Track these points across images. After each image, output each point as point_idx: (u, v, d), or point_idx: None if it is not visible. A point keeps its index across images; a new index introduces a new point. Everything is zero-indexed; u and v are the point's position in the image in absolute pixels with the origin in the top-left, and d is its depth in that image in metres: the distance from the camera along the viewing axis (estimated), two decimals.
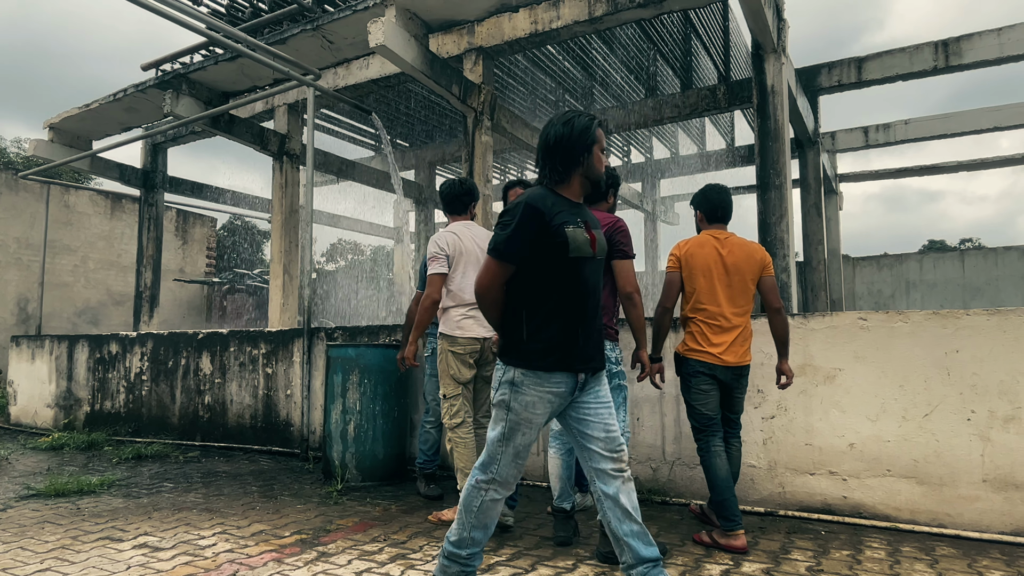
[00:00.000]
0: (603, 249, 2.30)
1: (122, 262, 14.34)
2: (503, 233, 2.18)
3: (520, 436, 2.20)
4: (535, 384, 2.17)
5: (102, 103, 9.04)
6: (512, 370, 2.20)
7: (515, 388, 2.18)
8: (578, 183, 2.29)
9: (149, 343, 6.92)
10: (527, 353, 2.18)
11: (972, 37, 7.96)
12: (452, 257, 3.60)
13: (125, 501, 4.09)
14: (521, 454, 2.23)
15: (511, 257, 2.18)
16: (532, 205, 2.16)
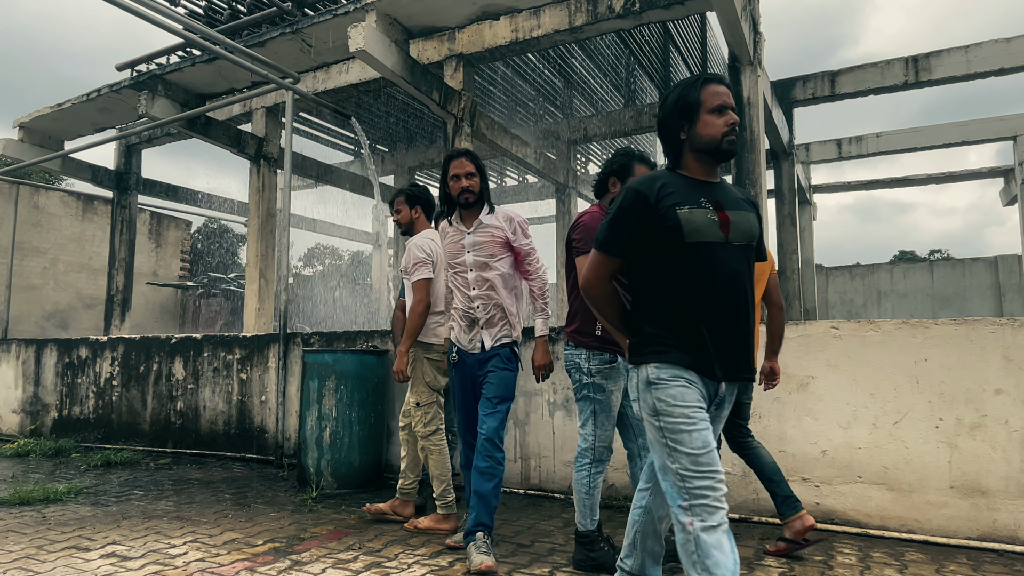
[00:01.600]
0: (747, 234, 1.96)
1: (93, 265, 14.06)
2: (604, 223, 2.00)
3: (686, 437, 1.80)
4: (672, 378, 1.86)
5: (75, 103, 8.88)
6: (644, 368, 1.91)
7: (653, 386, 1.87)
8: (691, 158, 1.98)
9: (120, 347, 6.79)
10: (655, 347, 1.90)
11: (941, 54, 8.17)
12: (435, 263, 3.59)
13: (93, 509, 4.00)
14: (702, 457, 1.78)
15: (611, 247, 1.97)
16: (634, 188, 1.94)
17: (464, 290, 3.11)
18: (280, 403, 5.42)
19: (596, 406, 2.81)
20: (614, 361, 2.80)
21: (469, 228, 3.12)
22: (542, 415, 4.42)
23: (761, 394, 3.74)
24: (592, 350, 2.79)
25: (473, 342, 3.12)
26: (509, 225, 3.13)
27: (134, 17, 4.94)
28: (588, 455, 2.81)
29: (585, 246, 2.72)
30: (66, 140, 10.31)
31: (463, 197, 3.09)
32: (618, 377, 2.82)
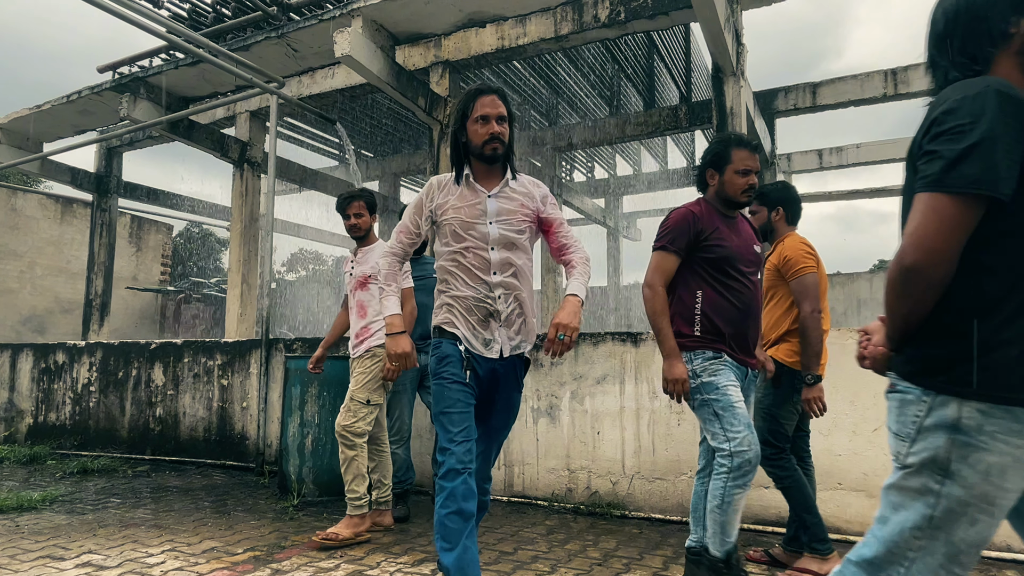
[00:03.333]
0: None
1: (72, 268, 13.84)
2: (959, 146, 1.14)
3: (966, 528, 1.17)
4: (1008, 430, 1.14)
5: (55, 104, 8.76)
6: (954, 404, 1.18)
7: (963, 437, 1.16)
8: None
9: (98, 353, 6.69)
10: (993, 368, 1.16)
11: (919, 67, 8.31)
12: None
13: (68, 517, 3.93)
14: (963, 558, 1.19)
15: (991, 184, 1.13)
16: (1007, 94, 1.15)
17: (480, 273, 2.32)
18: (262, 409, 5.36)
19: (715, 407, 2.49)
20: (719, 356, 2.53)
21: (490, 190, 2.38)
22: (526, 422, 4.42)
23: None
24: (692, 350, 2.54)
25: (490, 344, 2.33)
26: (539, 193, 2.47)
27: (118, 20, 4.89)
28: (726, 462, 2.43)
29: (658, 241, 2.63)
30: (45, 142, 10.16)
31: (490, 147, 2.33)
32: (728, 372, 2.52)
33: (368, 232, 3.88)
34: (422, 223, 2.46)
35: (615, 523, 3.81)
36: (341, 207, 3.86)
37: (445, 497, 2.15)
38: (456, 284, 2.35)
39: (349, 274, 3.89)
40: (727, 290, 2.56)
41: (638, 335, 4.17)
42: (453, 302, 2.36)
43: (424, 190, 2.45)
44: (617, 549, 3.27)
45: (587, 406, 4.25)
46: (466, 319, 2.33)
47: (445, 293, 2.39)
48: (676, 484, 3.91)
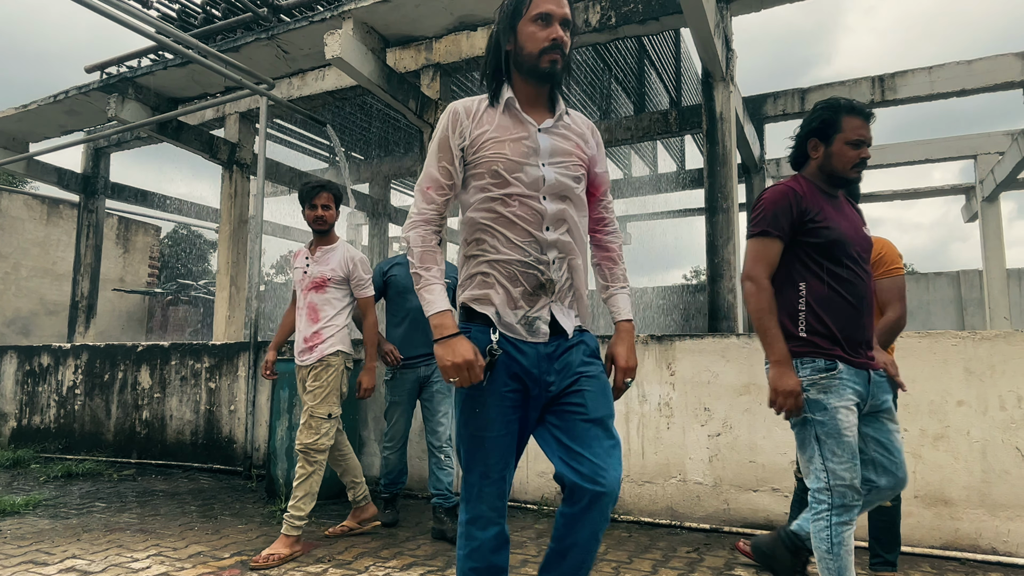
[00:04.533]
0: None
1: (57, 270, 13.70)
2: None
3: None
4: None
5: (41, 104, 8.68)
6: None
7: None
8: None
9: (84, 355, 6.62)
10: None
11: (906, 74, 8.41)
12: None
13: (52, 522, 3.88)
14: None
15: None
16: None
17: (531, 228, 1.71)
18: (250, 413, 5.32)
19: (817, 430, 2.11)
20: (833, 368, 2.12)
21: (540, 123, 1.79)
22: None
23: (732, 404, 3.79)
24: (800, 357, 2.17)
25: (535, 325, 1.72)
26: (594, 138, 1.92)
27: (107, 20, 4.85)
28: (824, 498, 2.11)
29: (755, 226, 2.25)
30: (31, 142, 10.06)
31: (549, 58, 1.72)
32: (842, 389, 2.12)
33: (332, 228, 3.64)
34: (455, 166, 1.77)
35: None
36: (307, 196, 3.54)
37: (472, 549, 1.72)
38: (495, 243, 1.72)
39: (303, 271, 3.59)
40: (837, 281, 2.17)
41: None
42: (490, 269, 1.72)
43: (446, 121, 1.78)
44: (606, 553, 3.27)
45: None
46: (507, 291, 1.71)
47: (478, 258, 1.74)
48: (665, 488, 3.92)
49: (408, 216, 1.79)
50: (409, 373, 3.86)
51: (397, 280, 3.90)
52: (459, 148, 1.77)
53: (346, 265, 3.56)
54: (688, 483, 3.85)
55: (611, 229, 1.98)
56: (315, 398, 3.40)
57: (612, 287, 1.93)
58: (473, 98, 1.82)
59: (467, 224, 1.79)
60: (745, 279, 2.22)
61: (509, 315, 1.72)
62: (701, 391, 3.86)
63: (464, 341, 1.65)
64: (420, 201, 1.79)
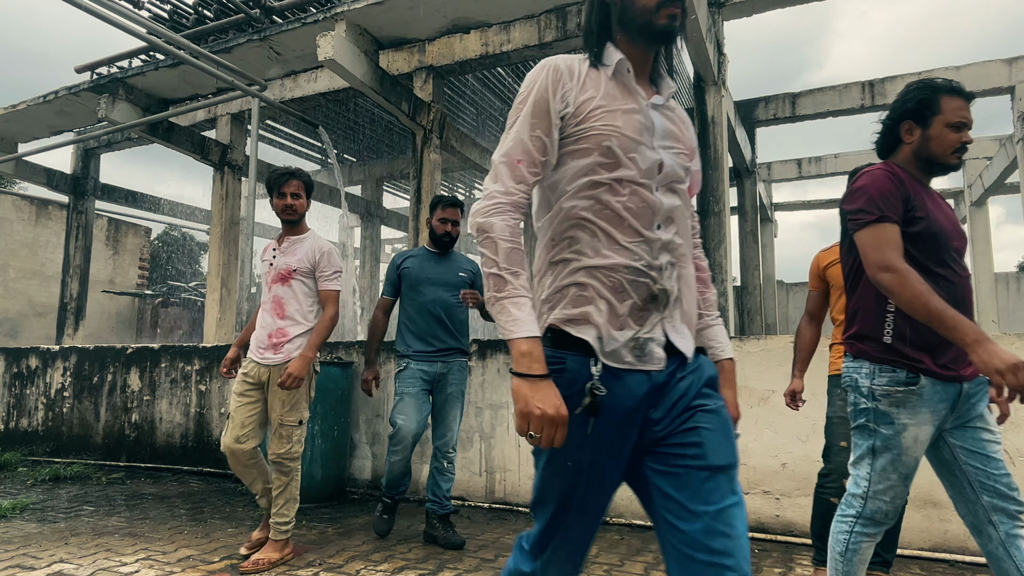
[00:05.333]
0: None
1: (46, 271, 13.59)
2: None
3: None
4: None
5: (30, 104, 8.62)
6: None
7: None
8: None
9: (73, 357, 6.57)
10: None
11: (896, 79, 8.48)
12: None
13: (39, 526, 3.84)
14: None
15: None
16: None
17: (640, 226, 1.33)
18: None
19: (877, 442, 1.96)
20: (914, 383, 1.90)
21: (650, 96, 1.41)
22: (508, 428, 4.41)
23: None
24: (879, 363, 1.96)
25: (647, 349, 1.32)
26: (691, 128, 1.56)
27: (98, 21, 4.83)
28: (855, 505, 2.01)
29: (865, 215, 1.95)
30: (20, 143, 9.99)
31: (668, 12, 1.36)
32: (918, 407, 1.90)
33: (302, 218, 3.40)
34: (552, 138, 1.35)
35: None
36: (276, 183, 3.29)
37: None
38: (596, 244, 1.32)
39: (269, 264, 3.36)
40: (934, 280, 1.88)
41: None
42: (589, 279, 1.31)
43: (544, 80, 1.35)
44: (598, 555, 3.27)
45: None
46: (612, 307, 1.30)
47: (570, 264, 1.34)
48: None
49: (484, 196, 1.34)
50: (426, 367, 3.56)
51: (410, 273, 3.66)
52: (559, 116, 1.35)
53: (313, 255, 3.32)
54: None
55: (698, 242, 1.58)
56: (285, 406, 3.18)
57: (706, 316, 1.55)
58: (570, 56, 1.41)
59: (556, 218, 1.37)
60: (880, 272, 1.86)
61: (615, 337, 1.30)
62: None
63: (553, 389, 1.23)
64: (507, 178, 1.33)
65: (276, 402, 3.19)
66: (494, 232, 1.29)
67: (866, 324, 2.01)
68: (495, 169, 1.36)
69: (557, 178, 1.37)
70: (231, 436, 3.15)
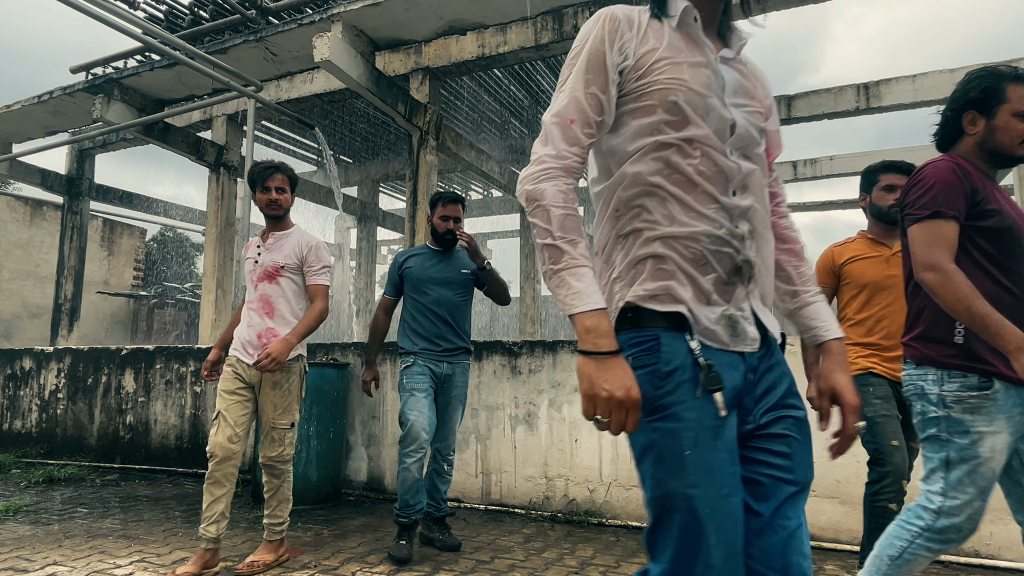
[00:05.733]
0: None
1: (40, 272, 13.54)
2: None
3: None
4: None
5: (25, 104, 8.58)
6: None
7: None
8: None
9: (67, 358, 6.54)
10: None
11: (890, 82, 8.51)
12: None
13: (33, 528, 3.82)
14: None
15: None
16: None
17: (716, 190, 1.20)
18: None
19: (951, 453, 1.83)
20: (987, 387, 1.79)
21: (719, 50, 1.28)
22: (504, 430, 4.41)
23: None
24: (946, 369, 1.84)
25: (738, 328, 1.20)
26: (767, 83, 1.39)
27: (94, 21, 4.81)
28: (925, 519, 1.85)
29: (921, 209, 1.85)
30: (15, 143, 9.95)
31: None
32: (994, 413, 1.78)
33: (287, 213, 3.28)
34: (609, 94, 1.22)
35: (592, 531, 3.81)
36: (260, 177, 3.17)
37: None
38: (669, 211, 1.18)
39: (254, 261, 3.23)
40: (1008, 277, 1.81)
41: None
42: (666, 249, 1.18)
43: (600, 30, 1.22)
44: (594, 557, 3.27)
45: (565, 414, 4.25)
46: (695, 281, 1.17)
47: (642, 234, 1.20)
48: None
49: (534, 160, 1.22)
50: (432, 365, 3.44)
51: (412, 272, 3.55)
52: (617, 71, 1.21)
53: (300, 250, 3.21)
54: None
55: (786, 212, 1.41)
56: (277, 408, 3.12)
57: (804, 292, 1.36)
58: (629, 6, 1.28)
59: (619, 185, 1.23)
60: (925, 271, 1.79)
61: (705, 314, 1.17)
62: None
63: (625, 368, 1.09)
64: (559, 140, 1.21)
65: (268, 405, 3.13)
66: (545, 199, 1.17)
67: (933, 325, 1.89)
68: (545, 130, 1.23)
69: (617, 141, 1.24)
70: (224, 435, 3.02)
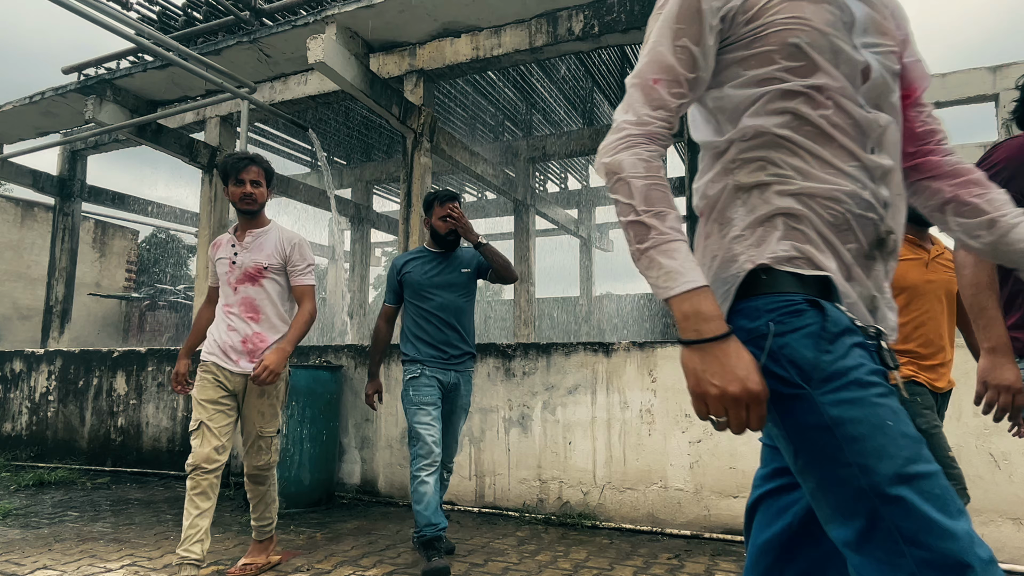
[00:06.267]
0: None
1: (31, 274, 13.46)
2: None
3: None
4: None
5: (16, 105, 8.53)
6: None
7: None
8: None
9: (58, 361, 6.49)
10: None
11: None
12: None
13: (23, 532, 3.79)
14: None
15: None
16: None
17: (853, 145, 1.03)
18: None
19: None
20: None
21: None
22: (497, 432, 4.40)
23: None
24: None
25: (881, 310, 1.07)
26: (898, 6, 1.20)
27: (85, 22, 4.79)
28: None
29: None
30: (6, 144, 9.89)
31: None
32: None
33: (262, 209, 3.07)
34: (706, 45, 1.05)
35: (586, 533, 3.80)
36: (234, 169, 2.94)
37: None
38: (802, 165, 1.02)
39: (231, 261, 3.00)
40: None
41: (609, 345, 4.19)
42: (802, 207, 1.01)
43: None
44: (588, 560, 3.27)
45: (559, 416, 4.25)
46: (835, 249, 1.01)
47: (770, 187, 1.03)
48: (646, 494, 3.93)
49: (613, 129, 1.07)
50: (440, 375, 3.29)
51: (412, 277, 3.38)
52: (717, 16, 1.04)
53: (283, 249, 3.03)
54: (669, 490, 3.87)
55: (950, 149, 1.22)
56: (264, 416, 3.00)
57: (1003, 216, 1.14)
58: None
59: (735, 141, 1.07)
60: (963, 250, 1.70)
61: (847, 292, 1.01)
62: (682, 398, 3.88)
63: (740, 351, 0.93)
64: (640, 104, 1.05)
65: (254, 413, 2.99)
66: (624, 171, 1.02)
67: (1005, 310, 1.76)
68: (627, 95, 1.08)
69: (728, 95, 1.07)
70: (209, 446, 2.81)
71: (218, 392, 2.94)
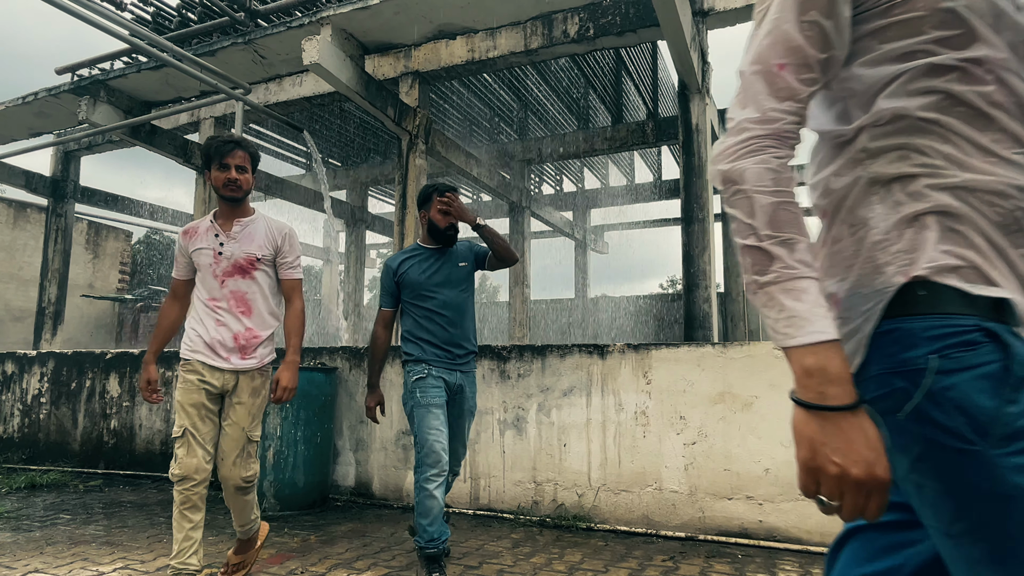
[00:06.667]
0: None
1: (24, 275, 13.38)
2: None
3: None
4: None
5: (9, 105, 8.49)
6: None
7: None
8: None
9: (50, 362, 6.46)
10: None
11: None
12: None
13: (14, 535, 3.77)
14: None
15: None
16: None
17: (1020, 128, 0.85)
18: None
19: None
20: None
21: None
22: (492, 435, 4.40)
23: (708, 413, 3.82)
24: None
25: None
26: None
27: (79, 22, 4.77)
28: None
29: None
30: None
31: None
32: None
33: (246, 196, 2.85)
34: (840, 20, 0.88)
35: (581, 536, 3.80)
36: (218, 153, 2.73)
37: None
38: (955, 153, 0.85)
39: (215, 252, 2.76)
40: None
41: (604, 347, 4.19)
42: (960, 203, 0.84)
43: None
44: (583, 562, 3.27)
45: (554, 418, 4.25)
46: (1004, 255, 0.84)
47: (918, 180, 0.86)
48: (641, 496, 3.93)
49: (730, 130, 0.91)
50: (446, 375, 3.15)
51: (410, 278, 3.21)
52: None
53: (274, 239, 2.85)
54: (664, 491, 3.87)
55: None
56: (253, 419, 2.78)
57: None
58: None
59: (868, 125, 0.90)
60: None
61: (1019, 304, 0.83)
62: (677, 400, 3.89)
63: (869, 428, 0.80)
64: (764, 96, 0.89)
65: (244, 415, 2.74)
66: (746, 182, 0.86)
67: None
68: (742, 87, 0.91)
69: (857, 74, 0.90)
70: (198, 456, 2.63)
71: (202, 396, 2.72)
